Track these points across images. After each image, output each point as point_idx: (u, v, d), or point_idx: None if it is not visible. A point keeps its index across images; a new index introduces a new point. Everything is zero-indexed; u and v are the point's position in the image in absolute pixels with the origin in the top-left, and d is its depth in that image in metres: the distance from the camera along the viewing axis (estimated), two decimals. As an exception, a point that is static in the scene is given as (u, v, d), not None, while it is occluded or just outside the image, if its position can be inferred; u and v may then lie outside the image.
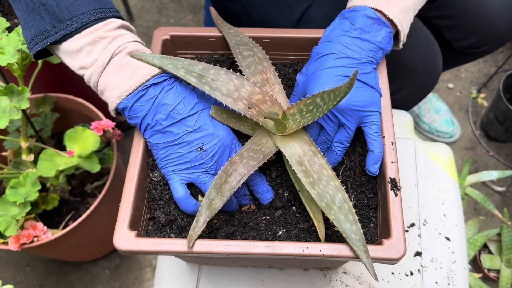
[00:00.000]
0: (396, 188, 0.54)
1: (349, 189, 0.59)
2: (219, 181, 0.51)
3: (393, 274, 0.75)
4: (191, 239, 0.50)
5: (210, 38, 0.67)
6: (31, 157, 0.85)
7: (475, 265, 1.20)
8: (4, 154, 0.93)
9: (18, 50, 0.72)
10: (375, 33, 0.59)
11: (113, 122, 0.89)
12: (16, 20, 1.00)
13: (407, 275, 0.75)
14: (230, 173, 0.52)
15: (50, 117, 1.00)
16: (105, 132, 0.93)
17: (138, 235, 0.52)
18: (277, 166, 0.60)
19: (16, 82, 0.76)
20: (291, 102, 0.63)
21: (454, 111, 1.55)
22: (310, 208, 0.55)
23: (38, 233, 0.87)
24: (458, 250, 0.78)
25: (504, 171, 1.16)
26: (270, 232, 0.56)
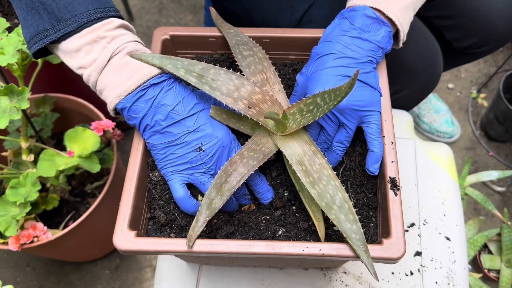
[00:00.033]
0: (396, 187, 0.54)
1: (349, 188, 0.59)
2: (219, 180, 0.51)
3: (393, 274, 0.75)
4: (191, 239, 0.50)
5: (210, 38, 0.67)
6: (31, 157, 0.85)
7: (475, 265, 1.20)
8: (4, 154, 0.93)
9: (18, 50, 0.72)
10: (375, 32, 0.59)
11: (113, 122, 0.89)
12: (16, 20, 1.00)
13: (407, 275, 0.75)
14: (230, 172, 0.52)
15: (50, 117, 1.00)
16: (105, 132, 0.93)
17: (138, 235, 0.52)
18: (277, 166, 0.60)
19: (16, 82, 0.76)
20: (291, 102, 0.63)
21: (454, 111, 1.55)
22: (310, 207, 0.55)
23: (38, 233, 0.87)
24: (458, 250, 0.78)
25: (504, 171, 1.16)
26: (270, 231, 0.56)
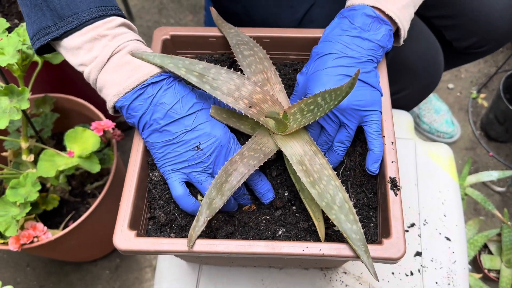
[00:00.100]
0: (396, 188, 0.54)
1: (349, 188, 0.59)
2: (220, 180, 0.51)
3: (393, 274, 0.75)
4: (192, 239, 0.50)
5: (210, 38, 0.67)
6: (31, 157, 0.85)
7: (475, 265, 1.19)
8: (4, 154, 0.93)
9: (18, 50, 0.72)
10: (375, 31, 0.59)
11: (113, 122, 0.89)
12: (16, 20, 1.00)
13: (407, 275, 0.75)
14: (231, 172, 0.52)
15: (50, 117, 1.00)
16: (105, 132, 0.93)
17: (138, 235, 0.52)
18: (277, 166, 0.60)
19: (16, 82, 0.76)
20: (292, 102, 0.63)
21: (454, 111, 1.55)
22: (310, 207, 0.55)
23: (38, 233, 0.86)
24: (458, 250, 0.78)
25: (504, 171, 1.16)
26: (270, 231, 0.56)
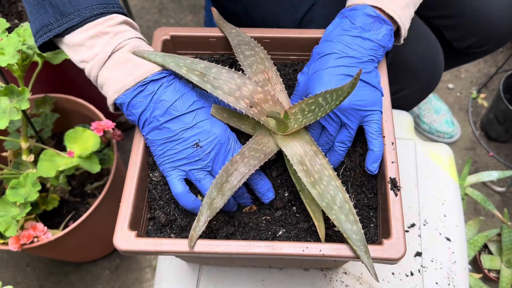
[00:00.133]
0: (396, 188, 0.54)
1: (349, 189, 0.59)
2: (220, 180, 0.51)
3: (393, 274, 0.75)
4: (193, 239, 0.50)
5: (210, 38, 0.67)
6: (31, 157, 0.85)
7: (475, 265, 1.20)
8: (4, 154, 0.93)
9: (18, 50, 0.72)
10: (376, 31, 0.59)
11: (113, 122, 0.89)
12: (16, 20, 1.00)
13: (408, 276, 0.75)
14: (231, 172, 0.52)
15: (50, 117, 1.00)
16: (105, 132, 0.93)
17: (138, 235, 0.52)
18: (277, 166, 0.60)
19: (16, 82, 0.76)
20: (292, 101, 0.63)
21: (454, 112, 1.55)
22: (311, 208, 0.55)
23: (38, 233, 0.87)
24: (458, 251, 0.78)
25: (504, 172, 1.16)
26: (270, 232, 0.56)
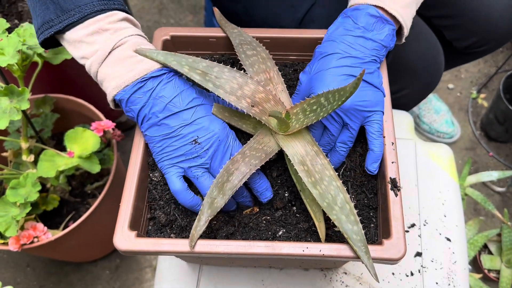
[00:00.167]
0: (396, 188, 0.54)
1: (349, 189, 0.59)
2: (221, 179, 0.51)
3: (393, 274, 0.75)
4: (193, 238, 0.50)
5: (210, 38, 0.67)
6: (31, 157, 0.85)
7: (475, 265, 1.19)
8: (4, 154, 0.93)
9: (18, 51, 0.72)
10: (378, 31, 0.59)
11: (113, 122, 0.89)
12: (16, 20, 1.00)
13: (408, 276, 0.75)
14: (232, 171, 0.52)
15: (50, 117, 1.00)
16: (105, 132, 0.93)
17: (138, 235, 0.52)
18: (277, 166, 0.60)
19: (16, 82, 0.76)
20: (294, 101, 0.63)
21: (454, 112, 1.55)
22: (311, 208, 0.55)
23: (38, 233, 0.87)
24: (458, 251, 0.78)
25: (504, 172, 1.16)
26: (270, 232, 0.56)
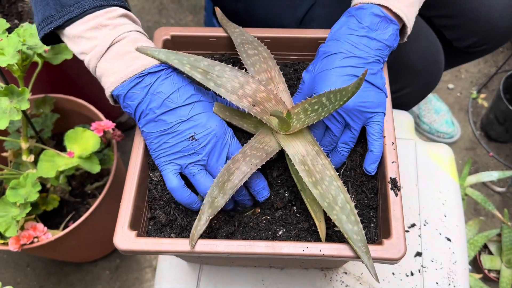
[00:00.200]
0: (396, 188, 0.54)
1: (349, 189, 0.59)
2: (222, 179, 0.51)
3: (393, 274, 0.75)
4: (194, 238, 0.50)
5: (210, 38, 0.67)
6: (32, 158, 0.85)
7: (475, 265, 1.19)
8: (4, 155, 0.93)
9: (18, 51, 0.72)
10: (382, 31, 0.58)
11: (113, 123, 0.89)
12: (16, 20, 1.00)
13: (408, 276, 0.75)
14: (233, 171, 0.52)
15: (50, 118, 1.00)
16: (105, 133, 0.93)
17: (139, 235, 0.52)
18: (277, 166, 0.60)
19: (16, 83, 0.76)
20: (295, 99, 0.63)
21: (454, 112, 1.55)
22: (312, 208, 0.55)
23: (38, 233, 0.87)
24: (458, 251, 0.78)
25: (504, 172, 1.16)
26: (270, 232, 0.56)
